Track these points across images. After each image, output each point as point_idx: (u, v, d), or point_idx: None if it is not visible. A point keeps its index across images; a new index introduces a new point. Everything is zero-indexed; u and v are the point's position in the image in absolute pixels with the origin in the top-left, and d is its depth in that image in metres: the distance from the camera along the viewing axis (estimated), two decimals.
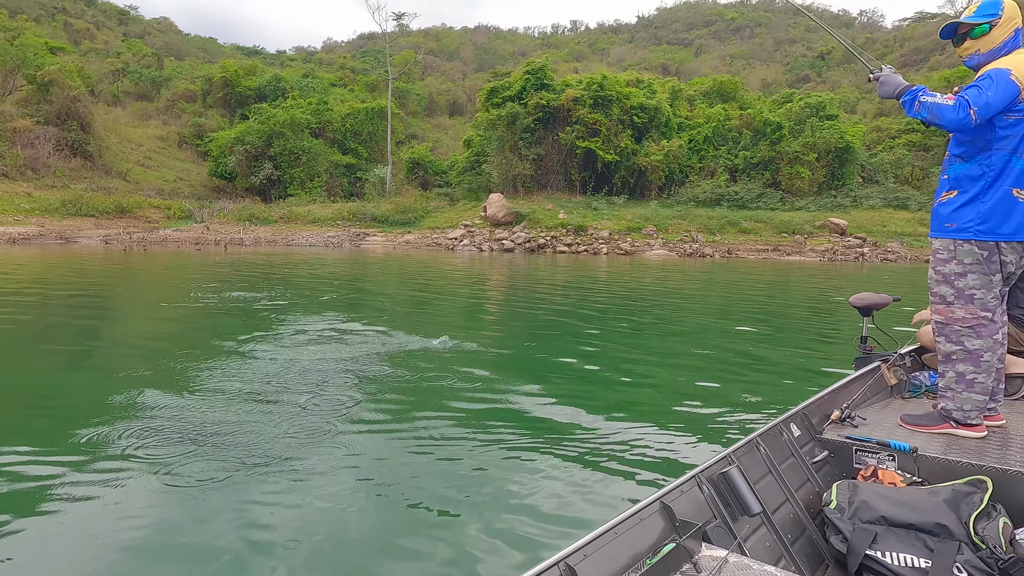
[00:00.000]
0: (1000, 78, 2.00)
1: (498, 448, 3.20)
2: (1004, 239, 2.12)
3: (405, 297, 10.33)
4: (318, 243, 26.91)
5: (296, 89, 42.30)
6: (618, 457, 3.09)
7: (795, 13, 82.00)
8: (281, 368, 4.66)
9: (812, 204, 29.31)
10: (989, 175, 2.11)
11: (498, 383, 4.47)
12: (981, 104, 2.00)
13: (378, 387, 4.29)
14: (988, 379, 2.21)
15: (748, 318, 8.64)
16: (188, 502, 2.53)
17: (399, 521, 2.45)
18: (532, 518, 2.47)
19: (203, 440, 3.18)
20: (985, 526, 1.63)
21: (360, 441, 3.26)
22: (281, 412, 3.66)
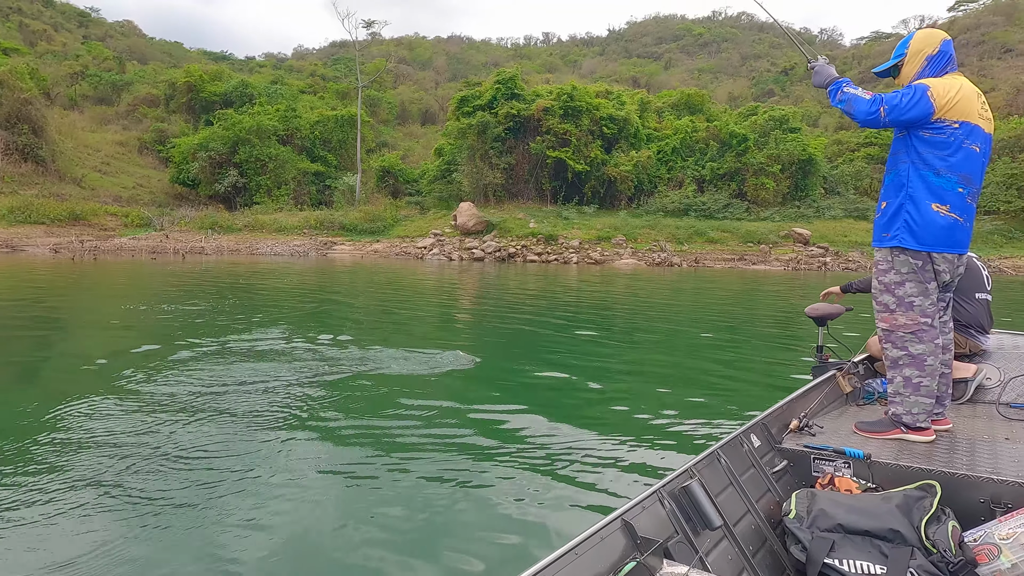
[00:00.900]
0: (917, 91, 2.11)
1: (457, 463, 3.08)
2: (930, 250, 2.20)
3: (375, 307, 10.01)
4: (283, 252, 26.26)
5: (264, 95, 41.48)
6: (580, 471, 3.00)
7: (760, 30, 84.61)
8: (226, 385, 4.37)
9: (777, 214, 29.96)
10: (909, 188, 2.21)
11: (462, 394, 4.34)
12: (892, 105, 2.11)
13: (327, 400, 4.10)
14: (933, 383, 2.28)
15: (715, 327, 8.66)
16: (138, 524, 2.39)
17: (353, 541, 2.32)
18: (490, 539, 2.36)
19: (152, 463, 2.96)
20: (935, 530, 1.66)
21: (314, 455, 3.13)
22: (228, 429, 3.44)
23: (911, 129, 2.19)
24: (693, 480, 1.72)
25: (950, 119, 2.12)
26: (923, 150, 2.17)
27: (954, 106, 2.12)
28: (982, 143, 2.18)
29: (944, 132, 2.13)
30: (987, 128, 2.21)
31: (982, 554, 1.63)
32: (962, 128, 2.12)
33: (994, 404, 2.73)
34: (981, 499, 1.87)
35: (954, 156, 2.14)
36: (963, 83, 2.18)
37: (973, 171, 2.17)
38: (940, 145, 2.13)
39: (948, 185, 2.15)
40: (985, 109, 2.23)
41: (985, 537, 1.67)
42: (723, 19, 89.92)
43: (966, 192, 2.17)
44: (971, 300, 3.08)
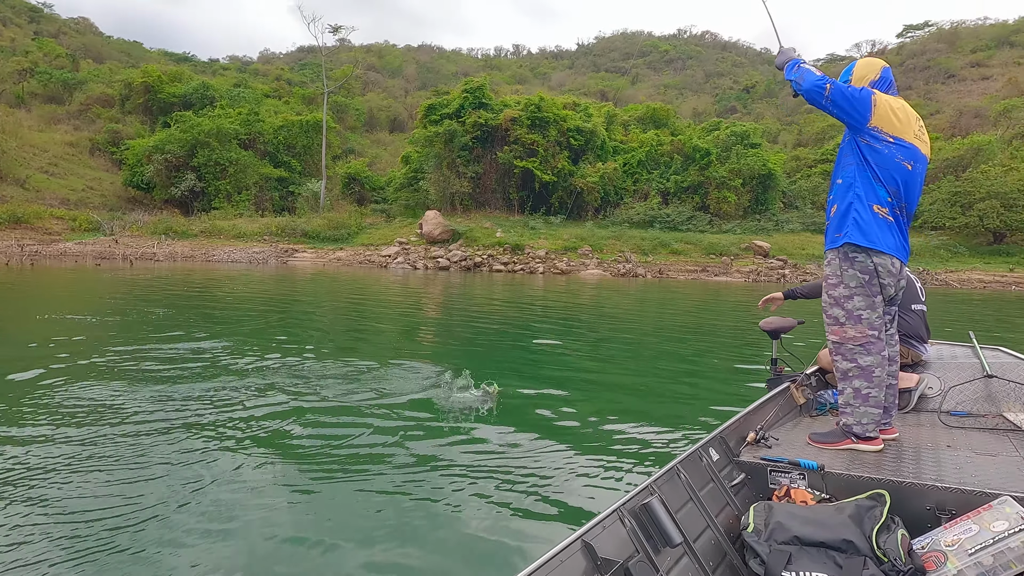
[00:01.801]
0: (864, 92, 2.25)
1: (411, 481, 2.93)
2: (875, 247, 2.29)
3: (335, 317, 9.66)
4: (241, 259, 25.42)
5: (226, 98, 40.42)
6: (540, 489, 2.88)
7: (723, 48, 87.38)
8: (172, 403, 4.03)
9: (738, 227, 30.69)
10: (856, 189, 2.31)
11: (419, 407, 4.20)
12: (838, 88, 2.22)
13: (272, 418, 3.84)
14: (880, 393, 2.36)
15: (678, 338, 8.67)
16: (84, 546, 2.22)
17: (300, 559, 2.23)
18: (443, 567, 2.23)
19: (89, 482, 2.74)
20: (886, 539, 1.69)
21: (266, 471, 3.00)
22: (172, 447, 3.18)
23: (856, 135, 2.29)
24: (653, 497, 1.72)
25: (886, 133, 2.23)
26: (868, 154, 2.27)
27: (891, 122, 2.23)
28: (915, 162, 2.28)
29: (878, 142, 2.24)
30: (923, 149, 2.32)
31: (930, 561, 1.66)
32: (896, 144, 2.24)
33: (936, 413, 2.82)
34: (927, 506, 1.91)
35: (888, 168, 2.26)
36: (904, 105, 2.32)
37: (904, 185, 2.28)
38: (875, 155, 2.26)
39: (882, 192, 2.28)
40: (922, 131, 2.34)
41: (932, 544, 1.71)
42: (688, 37, 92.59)
43: (894, 203, 2.30)
44: (909, 312, 3.17)
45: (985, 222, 26.87)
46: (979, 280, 23.86)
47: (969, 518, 1.73)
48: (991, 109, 42.15)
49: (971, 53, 59.62)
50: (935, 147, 33.89)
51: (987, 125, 39.91)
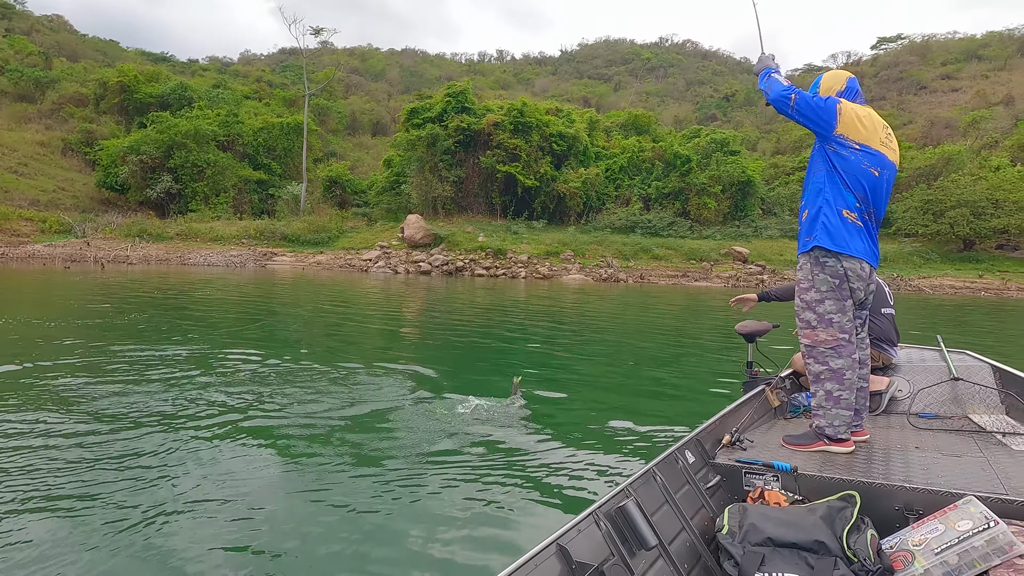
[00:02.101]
0: (830, 101, 2.32)
1: (387, 484, 2.89)
2: (844, 251, 2.33)
3: (314, 321, 9.48)
4: (218, 263, 24.95)
5: (204, 99, 39.78)
6: (518, 491, 2.86)
7: (704, 57, 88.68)
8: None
9: (718, 233, 31.05)
10: (825, 194, 2.37)
11: (396, 410, 4.13)
12: (802, 98, 2.30)
13: (256, 420, 3.76)
14: (851, 396, 2.40)
15: (658, 342, 8.67)
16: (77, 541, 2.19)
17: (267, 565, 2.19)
18: (416, 570, 2.21)
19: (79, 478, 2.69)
20: (856, 539, 1.72)
21: (248, 472, 2.97)
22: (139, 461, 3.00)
23: (824, 142, 2.35)
24: (629, 500, 1.72)
25: (852, 140, 2.29)
26: (835, 161, 2.33)
27: (857, 129, 2.29)
28: (882, 168, 2.34)
29: (845, 149, 2.30)
30: (890, 156, 2.37)
31: (898, 561, 1.69)
32: (862, 151, 2.30)
33: (905, 415, 2.88)
34: (896, 507, 1.95)
35: (855, 175, 2.31)
36: (870, 113, 2.38)
37: (869, 191, 2.34)
38: (842, 161, 2.31)
39: (851, 198, 2.33)
40: (889, 139, 2.39)
41: (900, 544, 1.74)
42: (669, 45, 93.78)
43: (863, 208, 2.35)
44: (879, 316, 3.25)
45: (956, 229, 27.57)
46: (950, 286, 24.44)
47: (936, 518, 1.76)
48: (961, 120, 43.39)
49: (941, 66, 61.39)
50: (908, 156, 34.75)
51: (957, 135, 41.06)
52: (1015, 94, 48.27)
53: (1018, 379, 2.94)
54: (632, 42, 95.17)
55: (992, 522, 1.62)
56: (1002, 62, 58.92)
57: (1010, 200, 26.85)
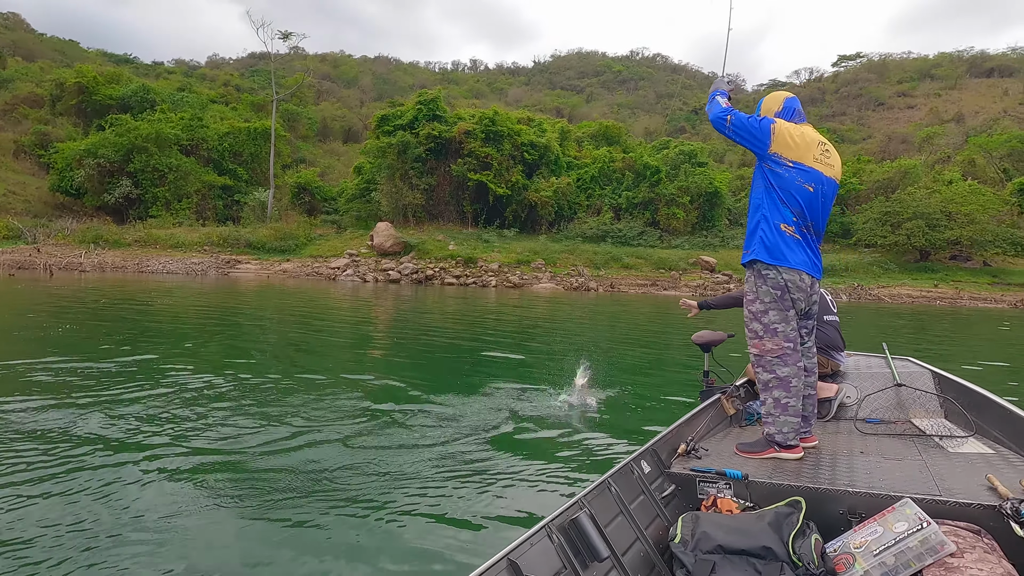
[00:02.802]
0: (764, 121, 2.43)
1: (331, 502, 2.77)
2: (780, 264, 2.42)
3: (279, 333, 9.14)
4: (178, 270, 24.12)
5: (167, 102, 38.71)
6: (472, 507, 2.79)
7: (673, 71, 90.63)
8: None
9: (686, 243, 31.51)
10: (763, 210, 2.47)
11: (348, 424, 3.99)
12: (738, 119, 2.43)
13: (197, 432, 3.58)
14: (798, 403, 2.46)
15: (624, 351, 8.64)
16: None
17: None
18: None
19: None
20: (801, 544, 1.75)
21: (188, 489, 2.84)
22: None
23: (761, 161, 2.46)
24: (582, 512, 1.72)
25: (786, 158, 2.39)
26: (771, 178, 2.44)
27: (791, 148, 2.39)
28: (817, 184, 2.43)
29: (780, 167, 2.41)
30: (826, 172, 2.45)
31: (840, 563, 1.73)
32: (796, 168, 2.39)
33: (853, 420, 2.95)
34: (840, 511, 1.98)
35: (789, 191, 2.41)
36: (805, 131, 2.46)
37: (806, 206, 2.42)
38: (777, 178, 2.42)
39: (787, 212, 2.43)
40: (825, 155, 2.47)
41: (843, 547, 1.78)
42: (640, 59, 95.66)
43: (800, 222, 2.44)
44: (823, 323, 3.32)
45: (912, 240, 28.55)
46: (908, 295, 25.25)
47: (875, 520, 1.81)
48: (916, 136, 45.23)
49: (898, 84, 64.06)
50: (867, 170, 35.96)
51: (913, 150, 42.76)
52: (965, 112, 50.61)
53: (955, 384, 3.05)
54: (604, 55, 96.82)
55: (925, 523, 1.68)
56: (953, 82, 61.81)
57: (962, 213, 27.96)
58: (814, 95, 65.17)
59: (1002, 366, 8.26)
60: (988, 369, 7.97)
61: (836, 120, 56.10)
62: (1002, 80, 60.08)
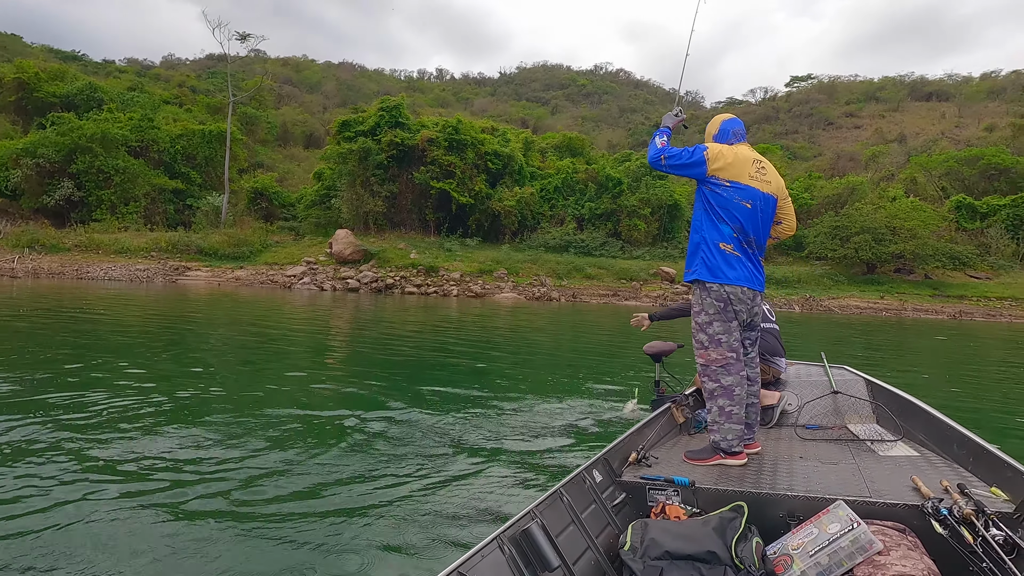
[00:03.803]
0: (697, 150, 2.56)
1: (276, 518, 2.69)
2: (721, 282, 2.52)
3: (226, 343, 8.65)
4: (121, 277, 22.90)
5: (116, 102, 37.07)
6: (427, 521, 2.74)
7: (636, 86, 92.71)
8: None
9: (647, 254, 31.98)
10: (703, 231, 2.59)
11: (299, 439, 3.86)
12: (672, 154, 2.56)
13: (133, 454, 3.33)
14: (742, 410, 2.55)
15: (584, 361, 8.58)
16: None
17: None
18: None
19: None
20: (743, 547, 1.81)
21: (128, 508, 2.68)
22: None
23: (700, 183, 2.59)
24: (533, 522, 1.73)
25: (723, 178, 2.52)
26: (711, 198, 2.56)
27: (726, 169, 2.52)
28: (755, 200, 2.55)
29: (719, 188, 2.53)
30: (763, 188, 2.58)
31: (779, 565, 1.80)
32: (733, 187, 2.52)
33: (793, 427, 3.09)
34: (780, 514, 2.05)
35: (727, 209, 2.53)
36: (738, 152, 2.58)
37: (746, 222, 2.54)
38: (716, 198, 2.54)
39: (727, 231, 2.54)
40: (762, 172, 2.60)
41: (782, 549, 1.86)
42: (604, 73, 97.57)
43: (740, 239, 2.55)
44: (762, 332, 3.37)
45: (860, 254, 29.74)
46: (856, 306, 26.23)
47: (812, 522, 1.88)
48: (863, 154, 47.43)
49: (846, 104, 67.23)
50: (817, 186, 37.40)
51: (860, 168, 44.77)
52: (907, 132, 53.46)
53: (886, 391, 3.22)
54: (568, 68, 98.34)
55: (855, 524, 1.76)
56: (896, 104, 65.32)
57: (905, 228, 29.32)
58: (769, 113, 67.72)
59: (938, 374, 8.64)
60: (926, 377, 8.28)
61: (789, 138, 58.38)
62: (940, 104, 63.84)
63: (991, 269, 30.79)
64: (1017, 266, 31.23)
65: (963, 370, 9.14)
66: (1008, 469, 2.05)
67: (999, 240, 31.90)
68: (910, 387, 3.25)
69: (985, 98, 62.71)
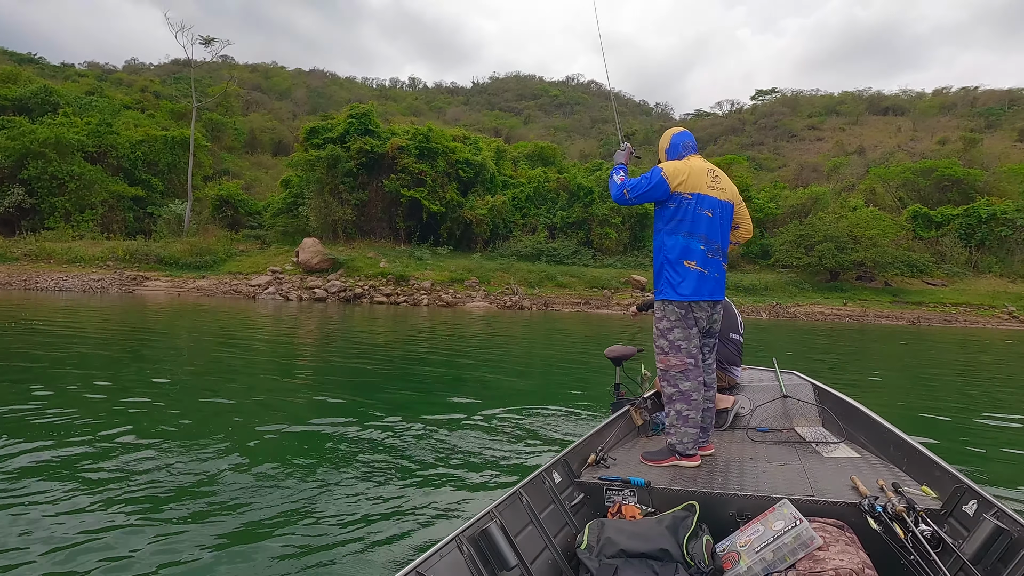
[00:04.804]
0: (654, 174, 2.63)
1: (236, 521, 2.72)
2: (688, 299, 2.61)
3: (180, 354, 8.22)
4: (73, 287, 21.89)
5: (73, 106, 35.76)
6: (385, 524, 2.77)
7: (606, 98, 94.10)
8: None
9: (618, 262, 32.20)
10: (665, 251, 2.67)
11: (253, 451, 3.84)
12: (632, 186, 2.62)
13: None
14: (698, 415, 2.64)
15: (552, 368, 8.51)
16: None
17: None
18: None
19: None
20: (694, 545, 1.88)
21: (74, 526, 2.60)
22: None
23: (658, 205, 2.68)
24: (492, 522, 1.78)
25: (684, 192, 2.61)
26: (676, 214, 2.63)
27: (685, 183, 2.61)
28: (714, 208, 2.65)
29: (682, 203, 2.62)
30: (720, 196, 2.68)
31: (728, 561, 1.87)
32: (694, 198, 2.61)
33: (745, 430, 3.18)
34: (730, 512, 2.13)
35: (692, 221, 2.61)
36: (692, 164, 2.67)
37: (709, 231, 2.63)
38: (680, 213, 2.62)
39: (693, 244, 2.61)
40: (716, 181, 2.69)
41: (730, 546, 1.93)
42: (576, 85, 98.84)
43: (707, 248, 2.63)
44: (727, 341, 3.52)
45: (823, 262, 30.50)
46: (820, 313, 26.82)
47: (758, 520, 1.95)
48: (825, 165, 48.92)
49: (808, 117, 69.44)
50: (783, 195, 38.34)
51: (822, 178, 46.14)
52: (866, 145, 55.41)
53: (831, 395, 3.33)
54: (541, 79, 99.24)
55: (798, 521, 1.84)
56: (855, 118, 67.75)
57: (865, 236, 30.22)
58: (736, 125, 69.45)
59: (897, 377, 8.87)
60: (877, 379, 8.44)
61: (755, 149, 59.91)
62: (896, 118, 66.47)
63: (946, 276, 31.94)
64: (970, 273, 32.47)
65: (923, 372, 9.42)
66: (937, 469, 2.18)
67: (953, 248, 33.14)
68: (873, 388, 3.43)
69: (937, 113, 65.60)
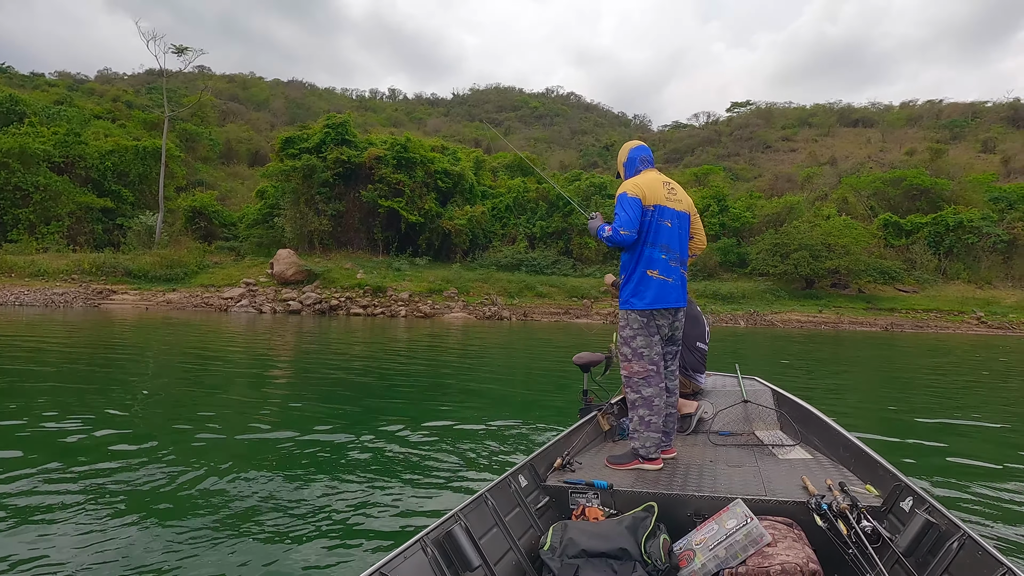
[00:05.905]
0: (622, 200, 2.74)
1: (202, 529, 2.73)
2: (648, 307, 2.71)
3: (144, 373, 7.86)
4: (35, 302, 21.10)
5: (39, 115, 34.84)
6: (353, 528, 2.80)
7: (586, 110, 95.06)
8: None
9: (598, 271, 32.24)
10: (628, 267, 2.78)
11: (232, 458, 3.85)
12: (623, 222, 2.69)
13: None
14: (660, 420, 2.72)
15: (528, 377, 8.44)
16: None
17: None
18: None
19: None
20: (652, 544, 1.94)
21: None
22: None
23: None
24: (456, 524, 1.81)
25: (647, 205, 2.72)
26: (642, 227, 2.72)
27: (648, 196, 2.72)
28: (673, 219, 2.77)
29: (647, 215, 2.71)
30: (677, 207, 2.80)
31: (683, 559, 1.94)
32: (656, 210, 2.73)
33: (707, 433, 3.26)
34: (688, 512, 2.20)
35: (655, 231, 2.72)
36: (650, 177, 2.79)
37: (670, 241, 2.75)
38: (646, 223, 2.71)
39: (655, 254, 2.72)
40: (672, 193, 2.81)
41: (686, 544, 1.99)
42: (555, 96, 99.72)
43: (668, 257, 2.74)
44: (693, 349, 3.60)
45: (799, 270, 30.94)
46: (797, 320, 27.13)
47: (713, 520, 2.02)
48: (799, 175, 49.86)
49: (782, 129, 70.90)
50: (759, 205, 38.92)
51: (796, 188, 46.98)
52: (838, 156, 56.73)
53: (788, 400, 3.46)
54: (521, 91, 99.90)
55: (749, 519, 1.91)
56: (827, 129, 69.41)
57: (838, 244, 30.76)
58: (712, 136, 70.62)
59: (873, 381, 8.95)
60: (850, 384, 8.52)
61: (731, 160, 60.88)
62: (865, 130, 68.24)
63: (917, 283, 32.62)
64: (940, 280, 33.22)
65: (894, 376, 9.56)
66: (880, 468, 2.28)
67: (923, 256, 33.91)
68: (840, 392, 3.43)
69: (905, 125, 67.53)
